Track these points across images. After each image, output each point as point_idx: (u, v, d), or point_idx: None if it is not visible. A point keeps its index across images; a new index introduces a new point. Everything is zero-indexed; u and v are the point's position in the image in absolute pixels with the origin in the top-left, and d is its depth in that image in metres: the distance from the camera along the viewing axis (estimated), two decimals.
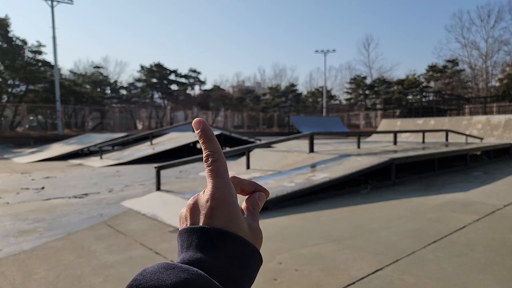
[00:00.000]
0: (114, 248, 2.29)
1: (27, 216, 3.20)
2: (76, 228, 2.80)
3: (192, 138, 10.29)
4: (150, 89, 37.16)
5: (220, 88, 42.21)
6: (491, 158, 7.04)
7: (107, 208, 3.50)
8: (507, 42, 34.99)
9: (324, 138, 15.70)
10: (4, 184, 5.27)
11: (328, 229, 2.62)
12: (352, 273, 1.80)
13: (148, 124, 32.76)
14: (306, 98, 45.32)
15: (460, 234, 2.42)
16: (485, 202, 3.46)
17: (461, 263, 1.91)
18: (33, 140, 18.00)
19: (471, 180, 4.86)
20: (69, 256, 2.14)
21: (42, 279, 1.81)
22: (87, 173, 6.57)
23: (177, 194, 3.74)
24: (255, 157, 5.56)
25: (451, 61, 37.45)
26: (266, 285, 1.70)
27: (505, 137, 9.62)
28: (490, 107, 23.47)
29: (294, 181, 3.84)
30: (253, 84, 61.22)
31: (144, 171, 6.70)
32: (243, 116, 36.31)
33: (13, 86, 26.92)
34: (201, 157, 4.35)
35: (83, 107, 28.11)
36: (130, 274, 1.85)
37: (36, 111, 28.05)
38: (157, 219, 3.02)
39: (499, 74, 35.41)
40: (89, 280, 1.78)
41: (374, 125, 32.33)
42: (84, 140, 12.68)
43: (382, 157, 4.52)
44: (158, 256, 2.13)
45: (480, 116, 10.97)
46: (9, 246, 2.36)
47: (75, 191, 4.58)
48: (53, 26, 23.79)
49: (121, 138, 11.44)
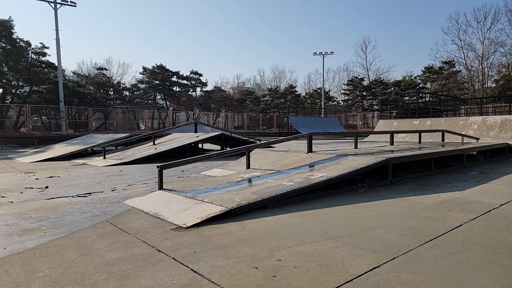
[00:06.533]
0: (117, 246, 2.33)
1: (31, 215, 3.25)
2: (80, 226, 2.85)
3: (194, 138, 10.34)
4: (153, 91, 37.29)
5: (221, 89, 42.36)
6: (487, 158, 7.04)
7: (110, 207, 3.55)
8: (503, 44, 35.00)
9: (323, 138, 15.72)
10: (8, 184, 5.33)
11: (326, 227, 2.65)
12: (350, 270, 1.83)
13: (150, 124, 32.85)
14: (305, 99, 45.46)
15: (457, 233, 2.45)
16: (481, 201, 3.48)
17: (457, 261, 1.94)
18: (37, 140, 18.10)
19: (467, 180, 4.87)
20: (72, 254, 2.18)
21: (45, 277, 1.85)
22: (90, 173, 6.63)
23: (179, 193, 3.78)
24: (255, 157, 5.60)
25: (447, 62, 37.46)
26: (266, 282, 1.73)
27: (501, 137, 9.62)
28: (486, 108, 23.42)
29: (293, 180, 3.88)
30: (253, 86, 61.36)
31: (147, 170, 6.75)
32: (243, 117, 36.37)
33: (17, 87, 27.07)
34: (202, 156, 4.41)
35: (87, 108, 28.22)
36: (132, 271, 1.89)
37: (40, 112, 28.20)
38: (160, 217, 3.06)
39: (495, 75, 35.32)
40: (92, 278, 1.82)
41: (371, 126, 32.34)
42: (88, 140, 12.76)
43: (379, 157, 4.56)
44: (160, 253, 2.17)
45: (476, 117, 10.98)
46: (13, 245, 2.41)
47: (79, 190, 4.63)
48: (57, 28, 23.91)
49: (124, 138, 11.52)
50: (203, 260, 2.04)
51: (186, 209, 3.18)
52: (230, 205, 3.08)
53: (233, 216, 3.00)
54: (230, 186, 4.06)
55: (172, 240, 2.44)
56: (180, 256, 2.12)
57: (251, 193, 3.55)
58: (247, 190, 3.82)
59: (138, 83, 37.61)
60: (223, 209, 3.02)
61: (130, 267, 1.96)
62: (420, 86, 38.45)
